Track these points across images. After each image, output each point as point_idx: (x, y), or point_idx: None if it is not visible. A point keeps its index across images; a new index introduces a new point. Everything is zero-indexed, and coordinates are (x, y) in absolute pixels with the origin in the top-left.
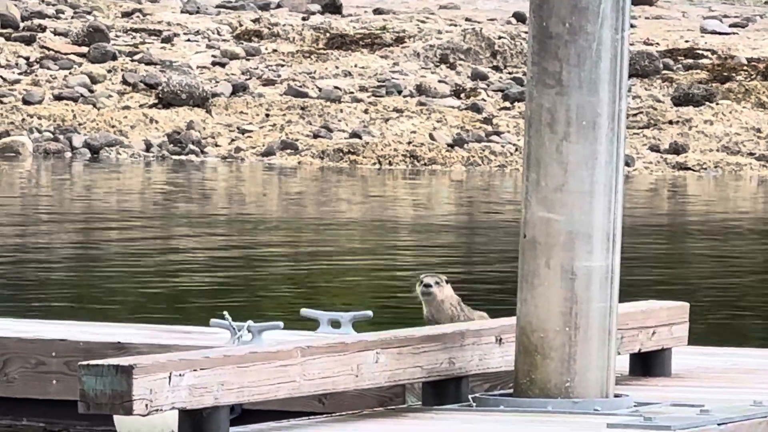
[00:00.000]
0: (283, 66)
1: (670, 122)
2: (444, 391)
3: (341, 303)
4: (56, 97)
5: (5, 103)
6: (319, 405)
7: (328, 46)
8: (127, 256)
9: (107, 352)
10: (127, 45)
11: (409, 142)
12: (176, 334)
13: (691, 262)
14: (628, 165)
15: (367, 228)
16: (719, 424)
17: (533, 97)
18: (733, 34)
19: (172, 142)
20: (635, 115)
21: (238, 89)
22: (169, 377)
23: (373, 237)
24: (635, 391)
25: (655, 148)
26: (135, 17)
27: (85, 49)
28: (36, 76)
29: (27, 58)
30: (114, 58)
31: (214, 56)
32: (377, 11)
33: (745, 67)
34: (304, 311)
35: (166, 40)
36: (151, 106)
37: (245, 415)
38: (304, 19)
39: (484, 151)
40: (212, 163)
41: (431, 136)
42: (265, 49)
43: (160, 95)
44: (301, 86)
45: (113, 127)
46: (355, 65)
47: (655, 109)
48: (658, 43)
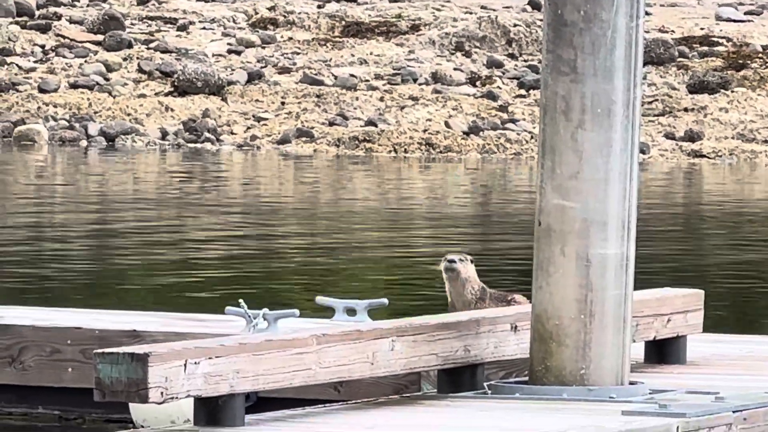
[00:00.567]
0: (298, 54)
1: (685, 110)
2: (459, 379)
3: (356, 291)
4: (72, 86)
5: (21, 92)
6: (335, 393)
7: (344, 34)
8: (142, 245)
9: (122, 340)
10: (143, 33)
11: (425, 130)
12: (191, 322)
13: (706, 249)
14: (643, 152)
15: (382, 216)
16: (734, 412)
17: (548, 85)
18: (749, 21)
19: (187, 130)
20: (650, 103)
21: (254, 77)
22: (185, 365)
23: (388, 225)
24: (650, 379)
25: (670, 136)
26: (150, 5)
27: (100, 37)
28: (51, 64)
29: (42, 47)
30: (129, 46)
31: (229, 44)
32: None
33: (761, 55)
34: (320, 299)
35: (182, 28)
36: (166, 94)
37: (261, 402)
38: (319, 7)
39: (499, 138)
40: (228, 151)
41: (447, 124)
42: (281, 37)
43: (176, 83)
44: (316, 74)
45: (129, 115)
46: (371, 53)
47: (670, 97)
48: (673, 31)
